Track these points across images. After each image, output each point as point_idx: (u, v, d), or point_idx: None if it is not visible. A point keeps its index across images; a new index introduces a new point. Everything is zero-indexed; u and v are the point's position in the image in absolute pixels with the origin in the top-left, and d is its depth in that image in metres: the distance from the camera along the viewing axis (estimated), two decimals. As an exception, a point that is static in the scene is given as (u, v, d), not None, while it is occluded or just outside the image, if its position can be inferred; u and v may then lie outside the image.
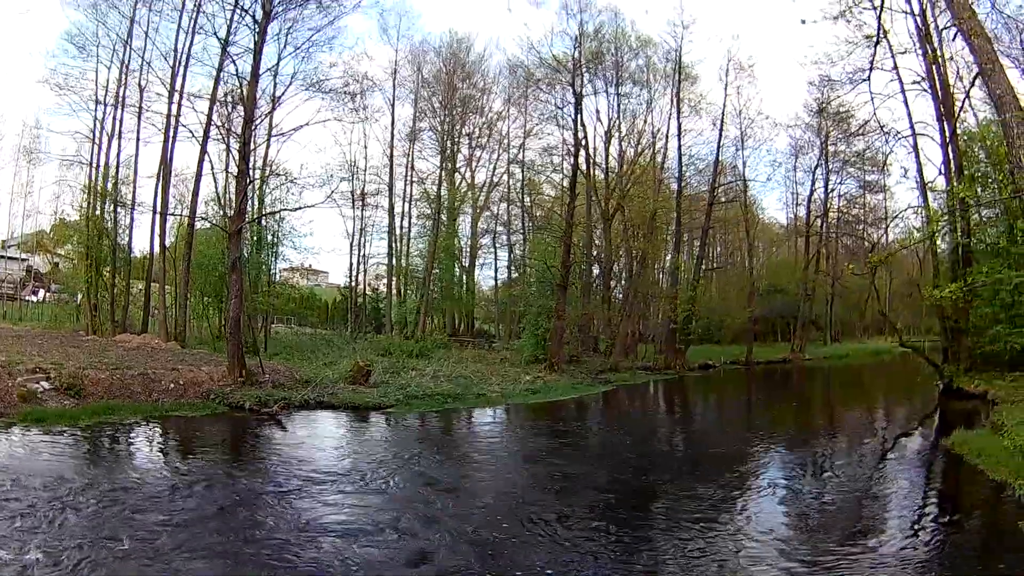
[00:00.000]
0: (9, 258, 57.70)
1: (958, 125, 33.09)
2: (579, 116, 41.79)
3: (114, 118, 38.04)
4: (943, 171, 33.22)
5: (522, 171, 56.60)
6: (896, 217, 50.71)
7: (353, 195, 52.61)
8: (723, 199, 53.74)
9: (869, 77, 35.38)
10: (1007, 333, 27.05)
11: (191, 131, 36.11)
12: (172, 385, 22.81)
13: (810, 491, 14.42)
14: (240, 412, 21.94)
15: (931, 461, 18.39)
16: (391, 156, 53.35)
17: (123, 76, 37.81)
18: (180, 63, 36.59)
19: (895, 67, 36.21)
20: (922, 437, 22.61)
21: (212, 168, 37.29)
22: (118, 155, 38.30)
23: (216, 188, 38.29)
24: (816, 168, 58.51)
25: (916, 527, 11.61)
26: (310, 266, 62.77)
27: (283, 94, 30.66)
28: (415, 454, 17.58)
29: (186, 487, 12.73)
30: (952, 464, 17.10)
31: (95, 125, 38.19)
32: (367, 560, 9.56)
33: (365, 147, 61.53)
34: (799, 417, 27.73)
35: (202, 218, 37.43)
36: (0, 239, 58.51)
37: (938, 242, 35.18)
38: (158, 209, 37.45)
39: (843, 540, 10.68)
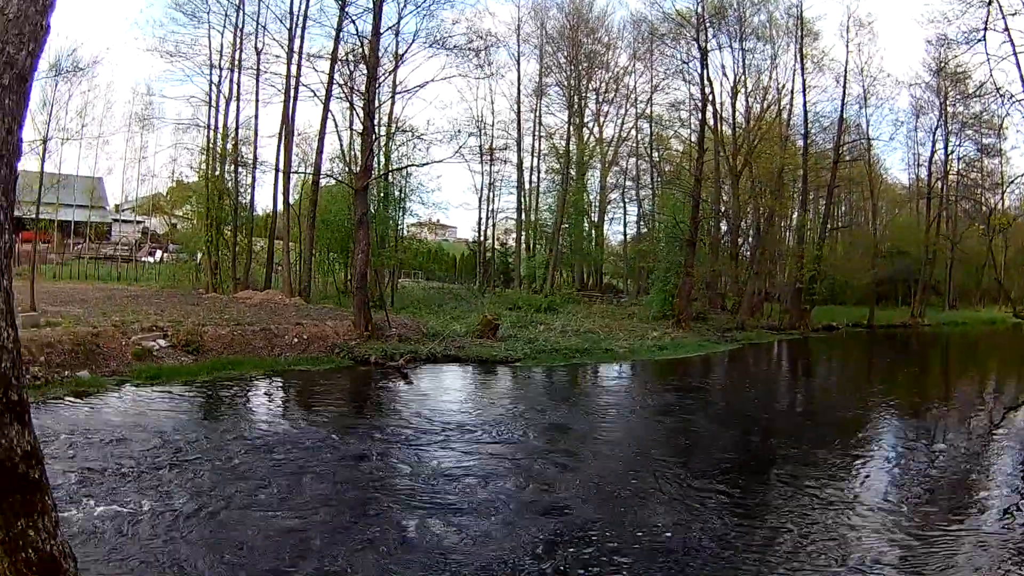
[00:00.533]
0: (124, 221, 60.24)
1: None
2: (705, 71, 42.70)
3: (231, 81, 39.71)
4: None
5: (650, 126, 58.06)
6: (1012, 183, 52.43)
7: (481, 150, 54.21)
8: (847, 157, 53.95)
9: (984, 37, 35.35)
10: None
11: (312, 91, 38.19)
12: (295, 340, 23.93)
13: (921, 462, 14.65)
14: (366, 365, 23.00)
15: None
16: (518, 112, 55.08)
17: (238, 40, 39.27)
18: (297, 25, 37.80)
19: (1006, 28, 35.55)
20: None
21: (336, 126, 39.68)
22: (237, 117, 39.99)
23: (341, 145, 40.58)
24: (936, 129, 58.71)
25: (1020, 505, 11.71)
26: (438, 221, 66.06)
27: (406, 52, 32.24)
28: (542, 407, 18.68)
29: (313, 438, 13.53)
30: None
31: (211, 89, 39.92)
32: (496, 507, 10.21)
33: (492, 103, 64.18)
34: (916, 385, 27.64)
35: (327, 175, 38.96)
36: (115, 203, 61.23)
37: None
38: (281, 168, 38.95)
39: (948, 516, 10.87)
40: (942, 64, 47.55)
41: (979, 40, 35.72)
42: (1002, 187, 59.32)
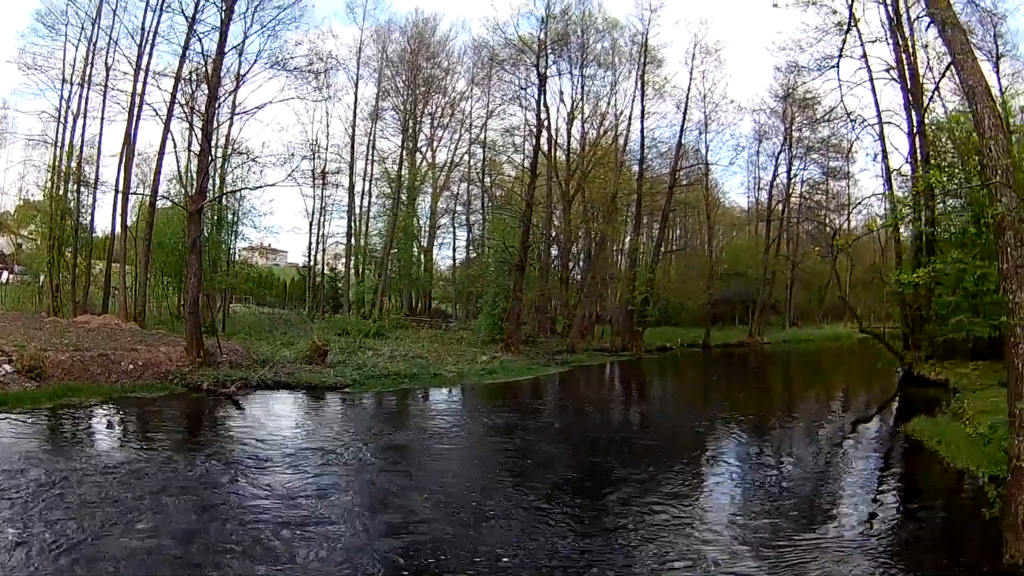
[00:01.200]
0: None
1: (926, 116, 34.98)
2: (542, 97, 44.67)
3: (80, 97, 39.78)
4: (909, 160, 35.47)
5: (483, 151, 59.65)
6: (861, 203, 54.61)
7: (314, 174, 55.57)
8: (684, 182, 56.99)
9: (838, 64, 38.13)
10: (970, 322, 28.23)
11: (155, 109, 37.89)
12: (131, 366, 24.19)
13: (769, 476, 15.50)
14: (198, 392, 23.35)
15: (891, 447, 19.71)
16: (353, 135, 56.15)
17: (90, 55, 39.34)
18: (147, 41, 38.18)
19: (864, 55, 38.49)
20: (882, 422, 24.24)
21: (175, 147, 39.18)
22: (83, 134, 40.02)
23: (178, 167, 40.70)
24: (779, 153, 62.90)
25: (876, 513, 12.65)
26: (269, 245, 66.36)
27: (247, 72, 32.32)
28: (374, 432, 19.17)
29: (143, 469, 13.63)
30: (912, 450, 18.27)
31: (61, 104, 39.81)
32: (322, 536, 10.39)
33: (327, 126, 62.34)
34: (757, 400, 29.21)
35: (164, 197, 39.47)
36: None
37: (901, 230, 37.39)
38: (120, 188, 39.02)
39: (803, 526, 11.51)
40: (790, 90, 50.76)
41: (832, 67, 38.81)
42: (848, 208, 63.49)
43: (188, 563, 9.20)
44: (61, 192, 40.24)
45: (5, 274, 56.53)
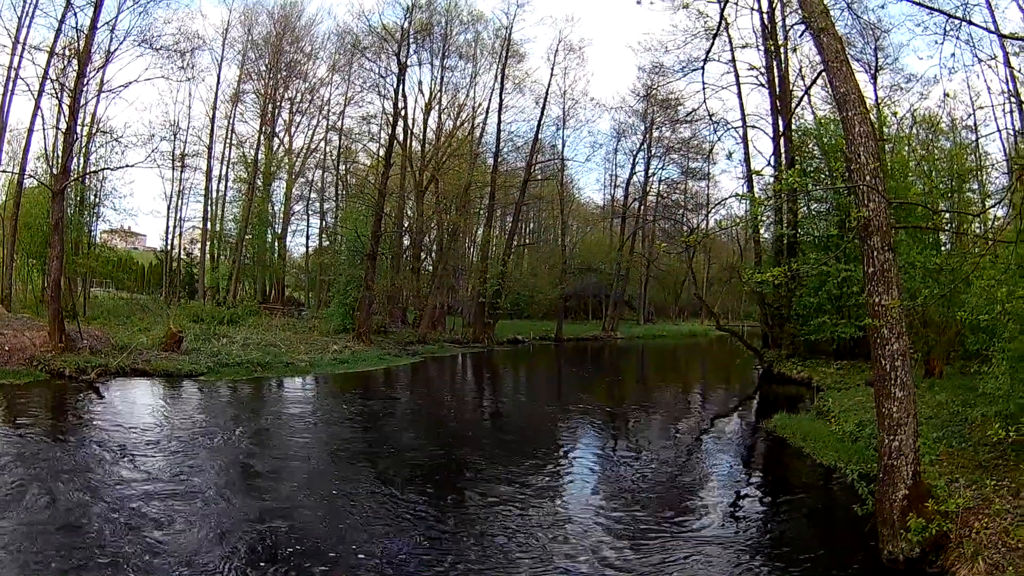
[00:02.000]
0: None
1: (793, 120, 36.52)
2: (401, 87, 45.85)
3: None
4: (772, 162, 36.96)
5: (340, 139, 60.49)
6: (720, 203, 56.26)
7: (173, 156, 55.09)
8: (540, 176, 59.53)
9: (703, 67, 38.21)
10: (833, 324, 29.84)
11: (28, 84, 37.19)
12: None
13: (627, 471, 15.50)
14: (61, 379, 23.83)
15: (753, 443, 19.70)
16: (213, 118, 55.79)
17: None
18: (28, 14, 37.45)
19: (733, 60, 40.21)
20: (742, 418, 24.55)
21: (44, 124, 39.10)
22: None
23: (46, 145, 40.57)
24: (638, 152, 65.38)
25: (742, 508, 12.79)
26: (129, 228, 63.43)
27: (117, 48, 33.23)
28: (228, 422, 18.96)
29: (8, 457, 13.77)
30: (776, 446, 18.35)
31: None
32: (177, 529, 10.45)
33: (189, 107, 64.56)
34: (612, 394, 29.81)
35: (31, 175, 39.02)
36: None
37: (762, 231, 39.35)
38: None
39: (664, 521, 11.55)
40: (653, 90, 53.01)
41: (697, 69, 39.77)
42: (707, 208, 66.54)
43: (55, 549, 9.42)
44: None
45: None
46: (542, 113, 56.23)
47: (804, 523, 12.17)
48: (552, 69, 57.06)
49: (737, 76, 40.96)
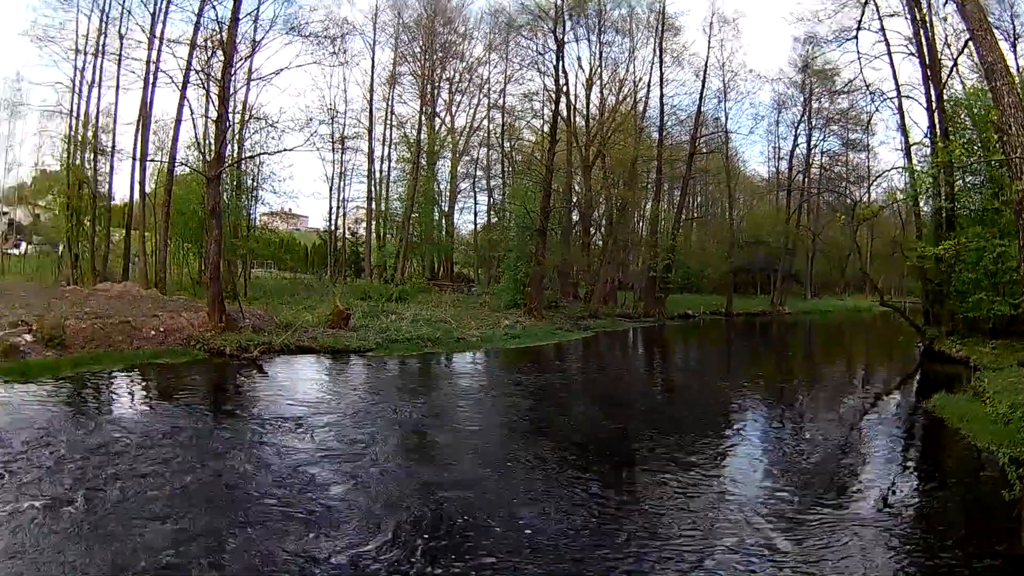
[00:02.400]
0: None
1: (944, 91, 34.96)
2: (560, 63, 44.93)
3: (95, 67, 40.65)
4: (928, 134, 35.57)
5: (502, 116, 60.59)
6: (880, 176, 56.08)
7: (332, 139, 56.25)
8: (704, 150, 58.33)
9: (856, 36, 39.22)
10: (990, 301, 28.48)
11: (170, 77, 39.66)
12: (153, 332, 24.58)
13: (792, 447, 15.40)
14: (221, 357, 23.57)
15: (912, 423, 19.07)
16: (371, 100, 56.63)
17: (103, 25, 40.02)
18: (160, 10, 38.92)
19: (882, 28, 39.13)
20: (902, 398, 23.58)
21: (191, 114, 40.23)
22: (98, 104, 40.99)
23: (196, 133, 41.08)
24: (799, 124, 63.83)
25: (896, 490, 12.34)
26: (290, 210, 66.26)
27: (263, 38, 33.33)
28: (396, 396, 19.08)
29: (168, 435, 13.63)
30: (933, 427, 17.86)
31: (75, 75, 40.69)
32: (346, 498, 10.55)
33: (345, 91, 65.15)
34: (779, 371, 29.23)
35: (182, 164, 39.74)
36: None
37: (921, 204, 37.94)
38: (138, 156, 40.06)
39: (822, 501, 11.28)
40: (809, 61, 52.17)
41: (850, 39, 40.01)
42: (868, 181, 64.66)
43: (223, 525, 9.36)
44: (77, 162, 41.03)
45: (24, 245, 57.39)
46: (703, 85, 55.03)
47: (954, 507, 11.55)
48: (708, 41, 55.67)
49: (888, 45, 39.70)
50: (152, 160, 42.34)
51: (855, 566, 8.86)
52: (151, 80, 39.39)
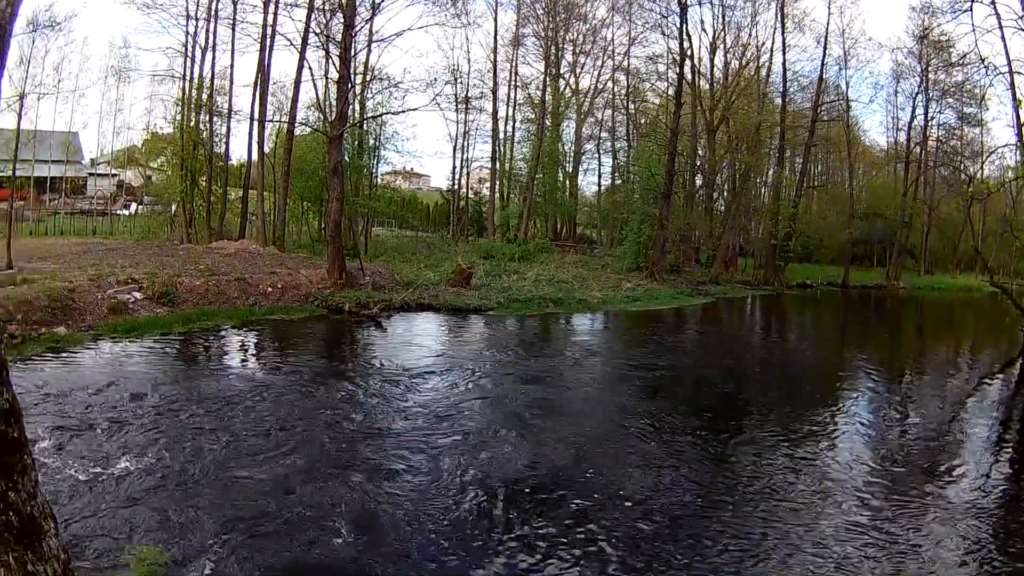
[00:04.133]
0: (100, 175, 62.06)
1: None
2: (684, 26, 45.26)
3: (207, 31, 41.42)
4: None
5: (627, 79, 60.74)
6: (991, 153, 56.26)
7: (456, 99, 56.62)
8: (825, 117, 57.42)
9: (971, 8, 38.43)
10: None
11: (289, 39, 40.08)
12: (270, 289, 25.45)
13: (891, 428, 15.67)
14: (339, 314, 24.45)
15: (1012, 407, 19.37)
16: (494, 61, 57.26)
17: None
18: None
19: (993, 2, 37.53)
20: (1005, 382, 23.58)
21: (312, 75, 41.74)
22: (212, 67, 41.88)
23: (316, 94, 41.69)
24: (916, 95, 62.36)
25: (992, 477, 12.52)
26: (412, 169, 68.56)
27: (382, 1, 33.06)
28: (520, 355, 19.92)
29: (294, 388, 14.45)
30: None
31: (187, 40, 41.63)
32: (483, 442, 11.67)
33: (468, 52, 68.98)
34: (890, 348, 29.64)
35: (302, 124, 40.83)
36: (90, 157, 62.91)
37: None
38: (255, 117, 40.81)
39: (917, 483, 11.65)
40: (925, 31, 51.30)
41: (965, 11, 39.14)
42: (982, 156, 63.22)
43: (335, 478, 10.16)
44: (192, 123, 41.95)
45: (134, 206, 58.80)
46: (824, 52, 54.77)
47: None
48: (828, 7, 56.88)
49: (999, 18, 38.30)
50: (271, 121, 43.40)
51: (947, 551, 9.27)
52: (268, 43, 40.17)
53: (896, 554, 9.05)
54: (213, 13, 41.22)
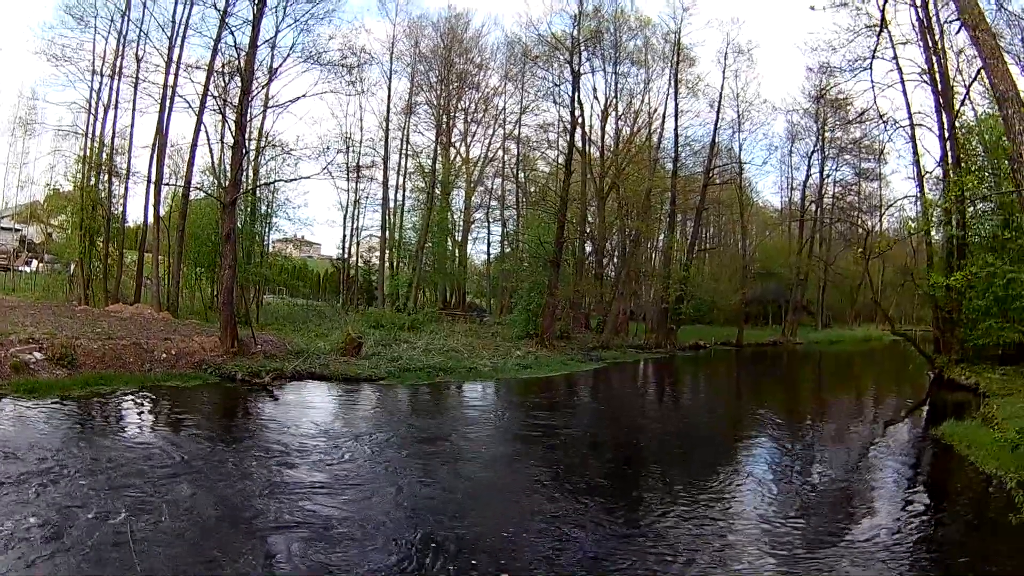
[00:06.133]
0: (2, 228, 61.71)
1: (957, 119, 35.88)
2: (576, 94, 46.12)
3: (111, 88, 41.54)
4: (940, 163, 36.53)
5: (517, 147, 62.05)
6: (892, 205, 57.91)
7: (348, 167, 57.36)
8: (718, 181, 59.36)
9: (871, 66, 39.92)
10: (999, 328, 29.55)
11: (188, 101, 39.58)
12: (164, 355, 25.21)
13: (799, 478, 16.04)
14: (232, 382, 24.09)
15: (921, 450, 20.06)
16: (387, 129, 57.59)
17: (120, 47, 41.04)
18: (178, 34, 39.85)
19: (895, 57, 40.25)
20: (912, 426, 24.65)
21: (208, 139, 41.35)
22: (114, 125, 41.87)
23: (212, 159, 42.40)
24: (812, 154, 65.16)
25: (905, 517, 12.90)
26: (303, 237, 68.63)
27: (280, 66, 33.39)
28: (406, 426, 19.58)
29: (177, 458, 14.05)
30: (942, 454, 18.74)
31: (91, 96, 41.64)
32: (374, 519, 11.25)
33: (361, 120, 68.18)
34: (788, 401, 30.35)
35: (197, 188, 40.72)
36: None
37: (933, 233, 38.30)
38: (152, 179, 40.65)
39: (832, 530, 11.88)
40: (823, 91, 53.15)
41: (864, 68, 40.90)
42: (880, 209, 66.29)
43: (218, 549, 9.77)
44: (92, 182, 41.88)
45: (35, 263, 58.15)
46: (717, 116, 56.73)
47: (962, 532, 12.42)
48: (723, 72, 57.52)
49: (901, 74, 41.01)
50: (167, 184, 43.19)
51: None
52: (168, 104, 40.46)
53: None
54: (118, 71, 41.45)
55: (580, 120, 49.15)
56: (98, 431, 16.69)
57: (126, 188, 44.27)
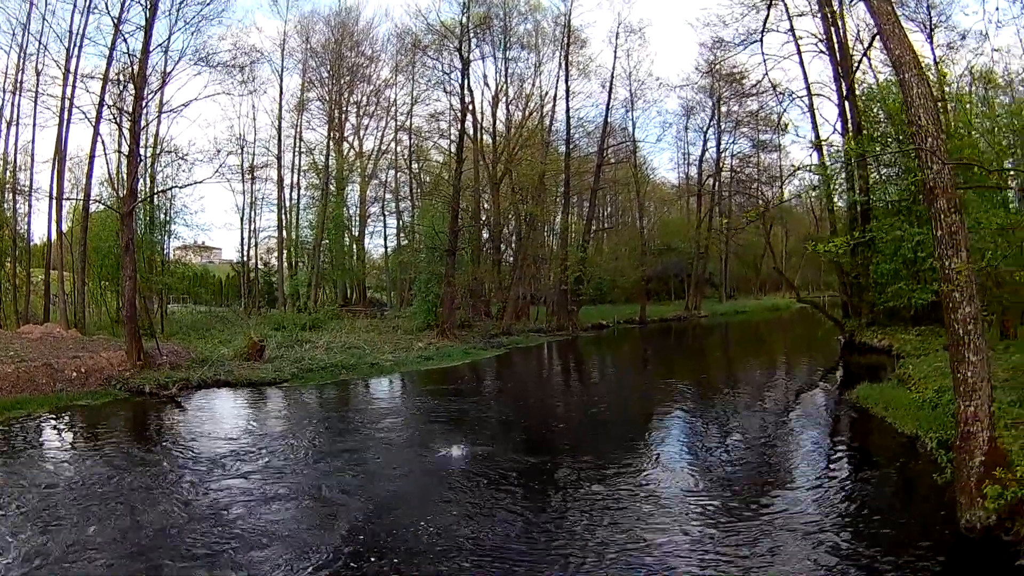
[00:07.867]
0: None
1: (857, 86, 37.49)
2: (466, 81, 47.33)
3: (13, 104, 40.64)
4: (840, 129, 37.74)
5: (410, 138, 62.39)
6: (791, 174, 57.78)
7: (242, 169, 57.27)
8: (612, 160, 61.41)
9: (762, 39, 41.77)
10: (910, 289, 29.95)
11: (84, 113, 39.02)
12: (75, 374, 25.46)
13: (714, 453, 15.93)
14: (141, 396, 24.38)
15: (837, 415, 20.15)
16: (279, 128, 57.58)
17: (21, 61, 40.33)
18: (75, 44, 39.31)
19: (791, 29, 41.74)
20: (826, 391, 24.86)
21: (105, 149, 41.02)
22: (16, 142, 40.94)
23: (109, 170, 42.13)
24: (708, 128, 67.23)
25: (827, 484, 12.99)
26: (203, 243, 67.48)
27: (173, 69, 33.91)
28: (311, 428, 19.68)
29: (88, 478, 14.10)
30: (859, 417, 18.93)
31: None
32: (297, 522, 11.46)
33: (254, 120, 67.48)
34: (697, 374, 30.86)
35: (96, 200, 40.67)
36: None
37: (836, 200, 40.44)
38: (54, 194, 40.41)
39: (754, 496, 12.05)
40: (716, 65, 54.26)
41: (756, 41, 42.62)
42: (781, 180, 67.84)
43: (145, 567, 9.80)
44: None
45: None
46: (609, 96, 58.05)
47: (886, 495, 12.56)
48: (615, 52, 58.47)
49: (798, 45, 42.39)
50: (68, 198, 42.96)
51: (790, 558, 9.75)
52: (66, 116, 40.12)
53: (735, 562, 9.72)
54: (19, 85, 40.88)
55: (471, 107, 50.38)
56: (15, 456, 16.76)
57: (29, 205, 43.80)
